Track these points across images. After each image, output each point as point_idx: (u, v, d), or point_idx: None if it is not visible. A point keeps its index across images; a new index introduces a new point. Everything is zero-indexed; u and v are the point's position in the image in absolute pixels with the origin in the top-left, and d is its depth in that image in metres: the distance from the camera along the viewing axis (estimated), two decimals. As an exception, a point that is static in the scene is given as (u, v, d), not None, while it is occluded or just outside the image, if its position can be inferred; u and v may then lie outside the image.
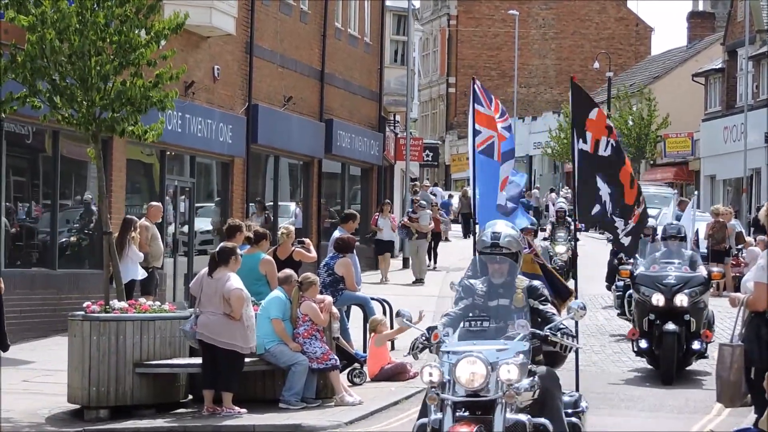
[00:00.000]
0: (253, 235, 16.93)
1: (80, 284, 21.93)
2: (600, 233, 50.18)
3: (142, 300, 15.72)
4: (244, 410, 14.59)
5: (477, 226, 14.20)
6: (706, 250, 21.23)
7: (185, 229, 26.92)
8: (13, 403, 14.79)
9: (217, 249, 15.07)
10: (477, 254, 10.10)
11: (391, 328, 17.73)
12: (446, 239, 47.55)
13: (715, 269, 19.10)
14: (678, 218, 25.43)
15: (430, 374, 9.05)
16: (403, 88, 40.31)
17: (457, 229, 49.40)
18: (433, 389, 9.06)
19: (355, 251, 18.93)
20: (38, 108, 15.71)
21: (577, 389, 11.43)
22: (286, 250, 18.19)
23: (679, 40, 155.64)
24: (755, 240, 29.06)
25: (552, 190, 59.97)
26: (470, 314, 9.63)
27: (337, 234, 19.71)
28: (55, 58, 15.30)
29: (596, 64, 70.54)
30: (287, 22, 31.56)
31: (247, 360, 14.81)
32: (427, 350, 9.54)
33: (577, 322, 10.70)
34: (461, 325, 9.61)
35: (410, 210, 34.71)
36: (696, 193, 40.00)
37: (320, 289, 16.26)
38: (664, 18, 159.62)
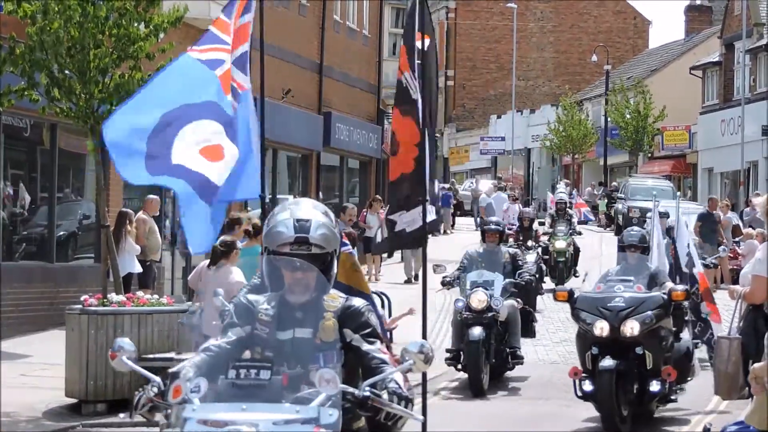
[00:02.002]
0: (252, 228, 16.92)
1: (78, 278, 21.92)
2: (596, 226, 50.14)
3: (139, 293, 15.71)
4: (242, 403, 14.59)
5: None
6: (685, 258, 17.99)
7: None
8: (11, 397, 14.76)
9: (219, 242, 15.05)
10: (265, 254, 6.19)
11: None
12: (445, 232, 47.55)
13: (680, 288, 14.22)
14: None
15: None
16: (401, 81, 40.26)
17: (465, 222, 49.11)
18: None
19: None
20: (36, 101, 15.70)
21: None
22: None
23: (676, 33, 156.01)
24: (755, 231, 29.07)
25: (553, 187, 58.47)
26: (240, 356, 5.93)
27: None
28: (54, 50, 15.28)
29: (594, 57, 70.51)
30: (286, 15, 31.53)
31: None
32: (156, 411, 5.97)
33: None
34: (226, 373, 5.75)
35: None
36: (679, 194, 39.17)
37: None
38: (662, 11, 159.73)
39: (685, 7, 70.68)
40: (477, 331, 16.15)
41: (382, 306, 18.21)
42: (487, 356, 16.25)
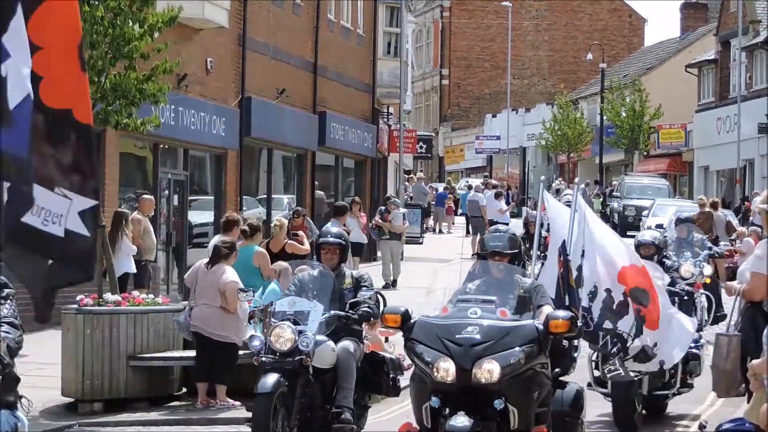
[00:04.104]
0: (248, 227, 16.90)
1: (74, 278, 21.85)
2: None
3: (135, 293, 15.69)
4: (238, 403, 14.57)
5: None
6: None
7: (179, 222, 26.87)
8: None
9: (220, 243, 15.02)
10: None
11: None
12: (440, 232, 47.55)
13: (561, 315, 9.90)
14: (682, 241, 21.34)
15: None
16: (396, 80, 40.26)
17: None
18: None
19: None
20: (31, 100, 15.67)
21: None
22: (279, 243, 18.16)
23: (672, 31, 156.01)
24: (747, 230, 29.10)
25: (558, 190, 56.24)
26: None
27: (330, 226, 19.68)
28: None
29: (589, 56, 70.55)
30: (280, 15, 31.50)
31: (241, 352, 14.77)
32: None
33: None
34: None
35: (382, 208, 31.11)
36: (583, 185, 38.31)
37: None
38: (657, 9, 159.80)
39: (680, 5, 70.70)
40: (270, 380, 11.27)
41: (378, 305, 17.99)
42: (287, 417, 11.37)
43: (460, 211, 49.64)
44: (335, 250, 12.26)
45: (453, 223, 49.10)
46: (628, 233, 41.97)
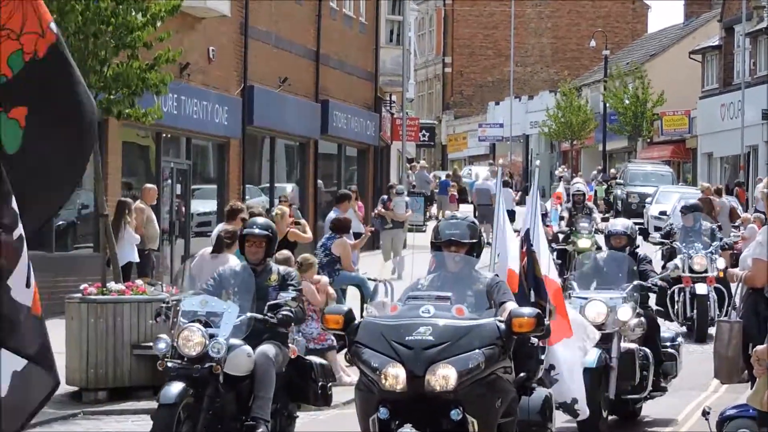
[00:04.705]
0: (250, 216, 16.91)
1: (77, 267, 21.92)
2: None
3: (138, 282, 15.72)
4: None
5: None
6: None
7: (182, 210, 26.89)
8: (12, 386, 14.77)
9: (223, 232, 15.04)
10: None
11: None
12: (439, 220, 47.40)
13: (526, 312, 8.72)
14: (689, 230, 20.80)
15: None
16: (398, 68, 40.25)
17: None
18: None
19: (351, 232, 18.94)
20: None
21: None
22: (281, 232, 18.17)
23: (675, 17, 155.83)
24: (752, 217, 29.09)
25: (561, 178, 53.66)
26: None
27: (332, 215, 19.71)
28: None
29: (593, 43, 70.42)
30: (282, 3, 31.49)
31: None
32: None
33: None
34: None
35: (384, 197, 30.78)
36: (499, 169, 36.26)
37: (317, 270, 16.25)
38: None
39: (683, -8, 70.56)
40: (174, 390, 10.12)
41: (386, 294, 17.68)
42: (193, 429, 10.22)
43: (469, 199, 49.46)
44: (261, 243, 11.00)
45: (457, 211, 49.00)
46: (632, 221, 42.00)
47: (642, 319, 13.63)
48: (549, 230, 24.76)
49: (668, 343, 14.02)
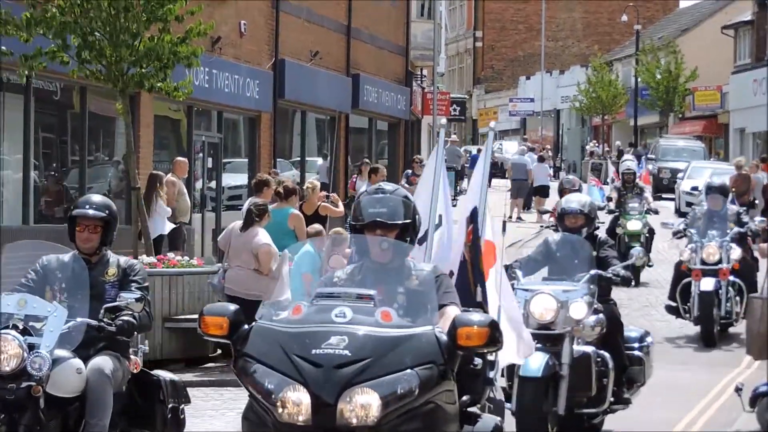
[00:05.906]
0: (283, 190, 16.93)
1: (109, 240, 21.97)
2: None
3: (170, 255, 15.77)
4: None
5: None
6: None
7: (213, 184, 26.97)
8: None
9: (252, 205, 15.05)
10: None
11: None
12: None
13: (476, 318, 6.33)
14: (713, 214, 17.77)
15: None
16: (429, 42, 40.16)
17: None
18: None
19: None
20: (67, 63, 15.73)
21: None
22: (312, 205, 18.19)
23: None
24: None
25: (621, 153, 51.43)
26: None
27: (363, 189, 19.70)
28: (87, 13, 15.32)
29: (624, 17, 70.02)
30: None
31: None
32: None
33: None
34: None
35: (409, 172, 29.73)
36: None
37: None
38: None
39: (716, -34, 70.10)
40: None
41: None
42: None
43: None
44: (96, 227, 8.38)
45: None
46: (663, 196, 41.86)
47: (600, 316, 10.89)
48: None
49: (635, 345, 11.35)
